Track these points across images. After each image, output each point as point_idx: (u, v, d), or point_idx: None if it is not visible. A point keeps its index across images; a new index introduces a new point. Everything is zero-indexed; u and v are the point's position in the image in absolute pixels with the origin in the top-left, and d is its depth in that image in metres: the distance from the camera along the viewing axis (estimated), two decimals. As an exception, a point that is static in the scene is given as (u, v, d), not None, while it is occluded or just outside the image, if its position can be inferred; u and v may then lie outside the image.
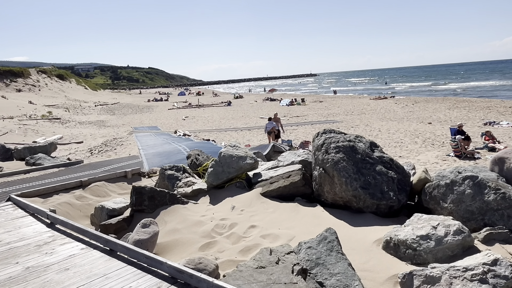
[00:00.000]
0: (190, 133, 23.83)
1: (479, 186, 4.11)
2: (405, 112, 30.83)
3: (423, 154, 15.50)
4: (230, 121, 32.91)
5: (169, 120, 35.61)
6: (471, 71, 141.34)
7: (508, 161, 4.34)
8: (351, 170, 4.75)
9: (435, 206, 4.50)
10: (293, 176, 5.33)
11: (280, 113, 35.54)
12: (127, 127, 30.72)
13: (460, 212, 4.19)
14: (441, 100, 39.06)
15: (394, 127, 22.82)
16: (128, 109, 50.77)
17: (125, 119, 38.54)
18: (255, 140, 22.14)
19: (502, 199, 3.92)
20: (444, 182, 4.41)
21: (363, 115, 30.92)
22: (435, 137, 18.87)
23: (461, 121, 23.01)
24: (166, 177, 6.42)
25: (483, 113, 27.08)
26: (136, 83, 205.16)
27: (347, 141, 5.02)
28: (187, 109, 47.57)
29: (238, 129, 26.73)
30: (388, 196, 4.64)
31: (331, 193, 4.94)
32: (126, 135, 23.45)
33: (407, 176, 4.93)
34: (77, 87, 76.55)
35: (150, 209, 5.45)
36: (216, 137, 23.83)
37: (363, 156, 4.92)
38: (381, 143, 18.44)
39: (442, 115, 27.33)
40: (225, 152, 5.94)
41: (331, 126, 25.00)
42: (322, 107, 39.63)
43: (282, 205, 5.12)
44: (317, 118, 30.58)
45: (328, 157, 4.89)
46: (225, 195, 5.71)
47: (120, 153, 12.83)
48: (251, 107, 44.57)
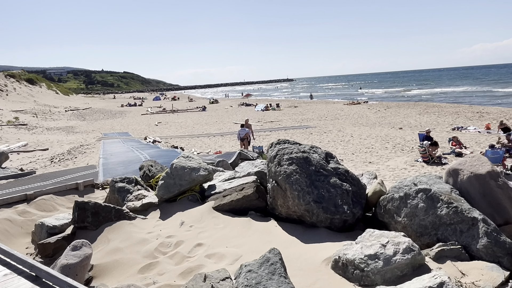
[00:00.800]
0: (161, 140, 23.29)
1: (432, 200, 3.96)
2: (378, 117, 31.16)
3: (393, 160, 15.56)
4: (203, 126, 32.49)
5: (141, 126, 34.88)
6: (441, 76, 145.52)
7: (462, 173, 4.21)
8: (304, 183, 4.52)
9: (390, 220, 4.32)
10: (246, 189, 5.07)
11: (255, 118, 35.38)
12: (96, 133, 29.87)
13: (414, 226, 4.02)
14: (413, 105, 39.75)
15: (366, 133, 22.96)
16: (100, 115, 49.57)
17: (95, 125, 37.53)
18: (227, 147, 21.83)
19: (455, 213, 3.77)
20: (398, 195, 4.24)
21: (337, 120, 31.08)
22: (405, 143, 19.04)
23: (430, 127, 23.37)
24: (116, 190, 6.04)
25: (452, 118, 27.62)
26: (110, 87, 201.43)
27: (301, 152, 4.80)
28: (161, 114, 46.80)
29: (211, 135, 26.36)
30: (342, 210, 4.44)
31: (284, 207, 4.70)
32: (94, 142, 22.72)
33: (362, 188, 4.75)
34: (47, 92, 74.36)
35: (94, 226, 5.08)
36: (187, 143, 23.39)
37: (317, 168, 4.71)
38: (353, 148, 18.48)
39: (412, 120, 27.73)
40: (177, 164, 5.62)
41: (304, 131, 24.97)
42: (297, 112, 39.69)
43: (234, 220, 4.84)
44: (291, 124, 30.52)
45: (280, 170, 4.65)
46: (176, 209, 5.39)
47: (80, 162, 12.27)
48: (226, 112, 44.24)
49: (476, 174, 4.09)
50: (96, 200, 7.25)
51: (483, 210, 4.01)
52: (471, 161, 4.23)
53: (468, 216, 3.71)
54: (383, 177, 13.00)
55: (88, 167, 10.03)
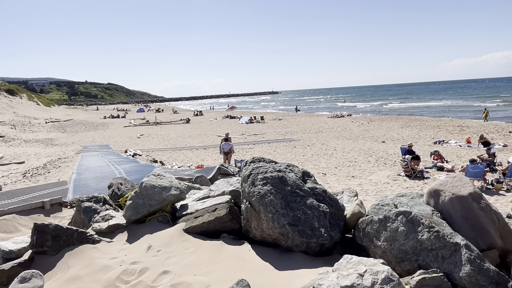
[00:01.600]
0: (142, 153, 22.80)
1: (412, 223, 3.73)
2: (361, 130, 31.31)
3: (375, 174, 15.47)
4: (186, 139, 32.10)
5: (123, 138, 34.27)
6: (423, 90, 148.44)
7: (443, 194, 4.01)
8: (279, 205, 4.26)
9: (369, 244, 4.08)
10: (219, 210, 4.77)
11: (239, 131, 35.18)
12: (76, 146, 29.15)
13: (394, 251, 3.78)
14: (395, 118, 40.17)
15: (349, 146, 22.95)
16: (81, 126, 48.66)
17: (76, 137, 36.73)
18: (210, 160, 21.49)
19: (436, 238, 3.54)
20: (378, 217, 4.00)
21: (320, 133, 31.10)
22: (388, 156, 19.04)
23: (412, 140, 23.48)
24: (82, 210, 5.67)
25: (433, 132, 27.91)
26: (94, 99, 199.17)
27: (276, 172, 4.55)
28: (144, 126, 46.23)
29: (194, 148, 26.00)
30: (319, 233, 4.18)
31: (258, 229, 4.42)
32: (72, 155, 22.11)
33: (340, 210, 4.51)
34: (28, 103, 72.84)
35: (54, 250, 4.70)
36: (169, 156, 22.96)
37: (293, 188, 4.45)
38: (336, 162, 18.38)
39: (395, 134, 27.91)
40: (146, 182, 5.30)
41: (288, 145, 24.83)
42: (281, 125, 39.66)
43: (205, 244, 4.53)
44: (275, 137, 30.39)
45: (254, 190, 4.38)
46: (145, 231, 5.05)
47: (53, 177, 11.76)
48: (209, 125, 43.93)
49: (458, 195, 3.89)
50: (63, 220, 6.85)
51: (465, 233, 3.80)
52: (452, 181, 4.03)
53: (450, 241, 3.49)
54: (366, 192, 12.86)
55: (59, 183, 9.57)
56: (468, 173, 12.52)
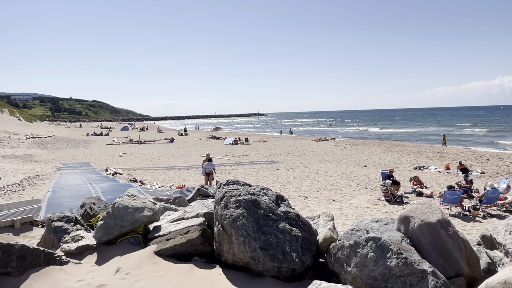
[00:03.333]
0: (123, 172, 22.48)
1: (381, 249, 3.75)
2: (344, 154, 31.60)
3: (356, 198, 15.54)
4: (169, 159, 31.84)
5: (105, 156, 33.79)
6: (406, 116, 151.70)
7: (413, 221, 4.05)
8: (250, 228, 4.23)
9: (340, 269, 4.07)
10: (192, 232, 4.71)
11: (222, 152, 35.12)
12: (56, 163, 28.58)
13: (364, 277, 3.78)
14: (377, 143, 40.74)
15: (332, 169, 23.08)
16: (62, 143, 47.86)
17: (56, 154, 36.05)
18: (192, 181, 21.31)
19: (404, 264, 3.56)
20: (348, 243, 4.01)
21: (304, 156, 31.25)
22: (369, 181, 19.19)
23: (393, 165, 23.80)
24: (52, 229, 5.53)
25: (414, 157, 28.34)
26: (78, 115, 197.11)
27: (250, 195, 4.54)
28: (127, 145, 45.74)
29: (176, 168, 25.78)
30: (290, 258, 4.15)
31: (230, 253, 4.37)
32: (51, 172, 21.64)
33: (313, 234, 4.50)
34: (9, 118, 71.57)
35: (18, 271, 4.54)
36: (151, 176, 22.69)
37: (266, 212, 4.44)
38: (318, 185, 18.42)
39: (377, 159, 28.24)
40: (119, 203, 5.21)
41: (271, 167, 24.84)
42: (265, 147, 39.77)
43: (176, 267, 4.45)
44: (258, 158, 30.40)
45: (226, 213, 4.36)
46: (115, 253, 4.93)
47: (27, 194, 11.47)
48: (194, 145, 43.77)
49: (426, 222, 3.94)
50: (33, 239, 6.65)
51: (434, 260, 3.83)
52: (422, 208, 4.09)
53: (417, 268, 3.51)
54: (346, 216, 12.89)
55: (32, 202, 9.31)
56: (445, 199, 12.68)
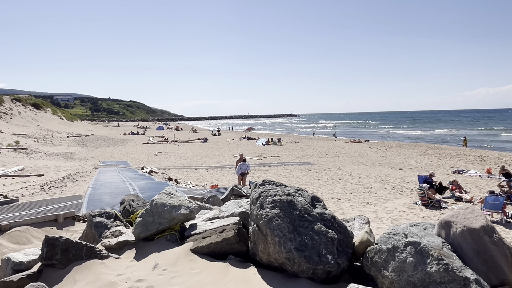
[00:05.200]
0: (158, 170, 23.02)
1: (421, 254, 3.65)
2: (378, 156, 30.93)
3: (391, 202, 15.20)
4: (203, 158, 32.31)
5: (141, 155, 34.72)
6: (443, 118, 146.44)
7: (454, 226, 3.92)
8: (286, 229, 4.23)
9: (377, 273, 3.99)
10: (227, 232, 4.77)
11: (255, 153, 35.25)
12: (95, 161, 29.67)
13: (402, 283, 3.69)
14: (414, 146, 39.59)
15: (366, 172, 22.66)
16: (101, 142, 49.60)
17: (95, 152, 37.42)
18: (225, 180, 21.53)
19: (445, 271, 3.45)
20: (386, 247, 3.93)
21: (337, 158, 30.85)
22: (405, 184, 18.70)
23: (431, 169, 23.04)
24: (93, 224, 5.75)
25: (452, 161, 27.34)
26: (116, 115, 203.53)
27: (286, 195, 4.54)
28: (162, 144, 46.80)
29: (209, 168, 26.12)
30: (326, 260, 4.12)
31: (265, 253, 4.39)
32: (91, 169, 22.48)
33: (349, 237, 4.44)
34: (52, 117, 74.99)
35: (62, 264, 4.75)
36: (185, 175, 23.11)
37: (302, 213, 4.43)
38: (351, 187, 18.14)
39: (413, 161, 27.45)
40: (157, 200, 5.35)
41: (304, 168, 24.70)
42: (298, 148, 39.57)
43: (211, 265, 4.52)
44: (291, 159, 30.30)
45: (262, 213, 4.38)
46: (153, 249, 5.07)
47: (69, 190, 11.98)
48: (227, 145, 44.18)
49: (469, 228, 3.80)
50: (75, 234, 6.95)
51: (477, 268, 3.69)
52: (464, 213, 3.95)
53: (459, 275, 3.39)
54: (380, 219, 12.62)
55: (74, 197, 9.73)
56: (487, 204, 12.18)
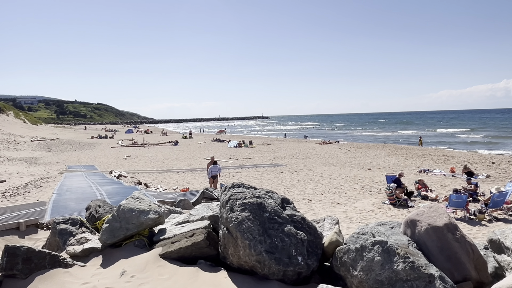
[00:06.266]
0: (127, 174, 22.52)
1: (388, 253, 3.72)
2: (348, 157, 31.51)
3: (360, 201, 15.48)
4: (174, 161, 31.88)
5: (109, 159, 33.88)
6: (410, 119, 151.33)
7: (419, 224, 4.03)
8: (256, 232, 4.22)
9: (346, 273, 4.04)
10: (197, 235, 4.71)
11: (226, 155, 35.12)
12: (61, 166, 28.69)
13: (370, 281, 3.75)
14: (382, 146, 40.59)
15: (336, 173, 23.01)
16: (67, 146, 48.07)
17: (61, 157, 36.19)
18: (196, 183, 21.31)
19: (411, 269, 3.54)
20: (354, 247, 3.99)
21: (308, 159, 31.19)
22: (373, 184, 19.11)
23: (398, 168, 23.67)
24: (57, 232, 5.54)
25: (419, 160, 28.21)
26: (83, 118, 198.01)
27: (255, 198, 4.53)
28: (132, 147, 45.86)
29: (180, 171, 25.80)
30: (296, 261, 4.13)
31: (235, 256, 4.36)
32: (56, 174, 21.71)
33: (318, 238, 4.48)
34: (14, 121, 72.05)
35: (24, 274, 4.55)
36: (155, 179, 22.72)
37: (272, 215, 4.43)
38: (322, 188, 18.36)
39: (381, 162, 28.13)
40: (125, 205, 5.22)
41: (275, 170, 24.80)
42: (269, 150, 39.73)
43: (181, 270, 4.44)
44: (263, 161, 30.37)
45: (232, 216, 4.35)
46: (120, 255, 4.93)
47: (32, 197, 11.51)
48: (198, 148, 43.81)
49: (433, 226, 3.91)
50: (38, 242, 6.67)
51: (441, 265, 3.80)
52: (428, 211, 4.06)
53: (424, 272, 3.48)
54: (350, 219, 12.83)
55: (37, 204, 9.35)
56: (451, 202, 12.61)
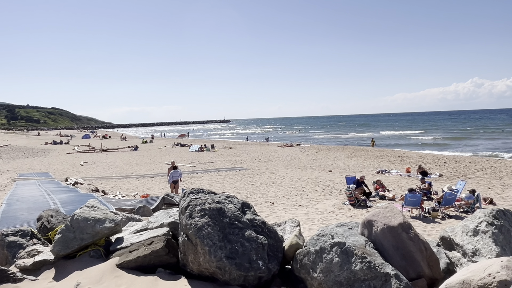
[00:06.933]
0: (84, 181, 21.70)
1: (346, 254, 3.80)
2: (309, 159, 32.03)
3: (322, 203, 15.75)
4: (133, 167, 31.07)
5: (65, 166, 32.51)
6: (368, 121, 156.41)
7: (376, 225, 4.14)
8: (216, 237, 4.17)
9: (306, 275, 4.08)
10: (156, 243, 4.59)
11: (188, 159, 34.69)
12: (12, 174, 27.16)
13: (329, 283, 3.81)
14: (342, 148, 41.63)
15: (298, 175, 23.31)
16: (19, 153, 45.63)
17: (12, 164, 34.30)
18: (157, 189, 20.88)
19: (368, 268, 3.62)
20: (314, 249, 4.04)
21: (270, 162, 31.40)
22: (334, 185, 19.52)
23: (357, 170, 24.32)
24: (6, 245, 5.21)
25: (376, 161, 29.15)
26: (36, 123, 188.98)
27: (215, 203, 4.48)
28: (89, 153, 44.27)
29: (140, 176, 25.19)
30: (257, 266, 4.12)
31: (195, 263, 4.29)
32: (6, 183, 20.53)
33: (279, 241, 4.50)
34: (-41, 127, 67.57)
35: (-33, 292, 4.25)
36: (114, 185, 22.04)
37: (232, 220, 4.40)
38: (284, 191, 18.53)
39: (341, 163, 28.81)
40: (79, 215, 5.01)
41: (238, 173, 24.78)
42: (231, 153, 39.66)
43: (139, 280, 4.31)
44: (225, 165, 30.26)
45: (191, 222, 4.27)
46: (74, 267, 4.72)
47: (-21, 208, 10.80)
48: (158, 153, 42.98)
49: (389, 226, 4.04)
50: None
51: (396, 263, 3.92)
52: (384, 212, 4.19)
53: (381, 271, 3.58)
54: (312, 221, 13.02)
55: (-15, 215, 8.78)
56: (407, 201, 13.10)
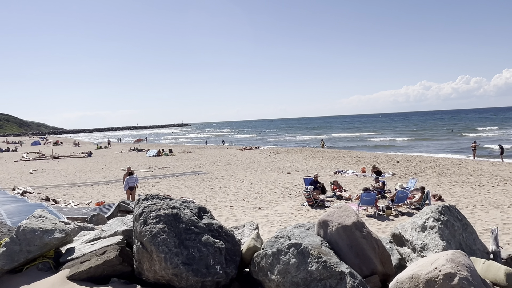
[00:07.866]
0: (33, 190, 20.59)
1: (302, 255, 3.85)
2: (268, 162, 32.30)
3: (281, 205, 15.91)
4: (87, 174, 29.92)
5: (13, 174, 30.73)
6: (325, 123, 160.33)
7: (331, 224, 4.24)
8: (172, 244, 4.09)
9: (264, 278, 4.09)
10: (109, 253, 4.42)
11: (145, 164, 33.89)
12: (-49, 184, 25.29)
13: (286, 284, 3.84)
14: (300, 150, 42.36)
15: (257, 178, 23.43)
16: (-41, 162, 42.58)
17: (-49, 174, 31.94)
18: (112, 196, 20.21)
19: (324, 268, 3.69)
20: (271, 251, 4.06)
21: (229, 165, 31.35)
22: (293, 187, 19.79)
23: (315, 171, 24.81)
24: None
25: (333, 162, 29.90)
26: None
27: (171, 209, 4.40)
28: (39, 160, 42.13)
29: (95, 184, 24.29)
30: (214, 271, 4.08)
31: (151, 271, 4.18)
32: None
33: (236, 245, 4.49)
34: None
35: None
36: (66, 193, 21.11)
37: (188, 225, 4.33)
38: (243, 194, 18.54)
39: (299, 165, 29.30)
40: (25, 226, 4.73)
41: (197, 178, 24.51)
42: (190, 157, 39.22)
43: (92, 291, 4.13)
44: (183, 170, 29.86)
45: (146, 229, 4.16)
46: (21, 282, 4.45)
47: None
48: (114, 158, 41.67)
49: (343, 225, 4.14)
50: None
51: (351, 261, 4.03)
52: (338, 212, 4.29)
53: (336, 270, 3.66)
54: (271, 223, 13.11)
55: None
56: (362, 201, 13.52)
